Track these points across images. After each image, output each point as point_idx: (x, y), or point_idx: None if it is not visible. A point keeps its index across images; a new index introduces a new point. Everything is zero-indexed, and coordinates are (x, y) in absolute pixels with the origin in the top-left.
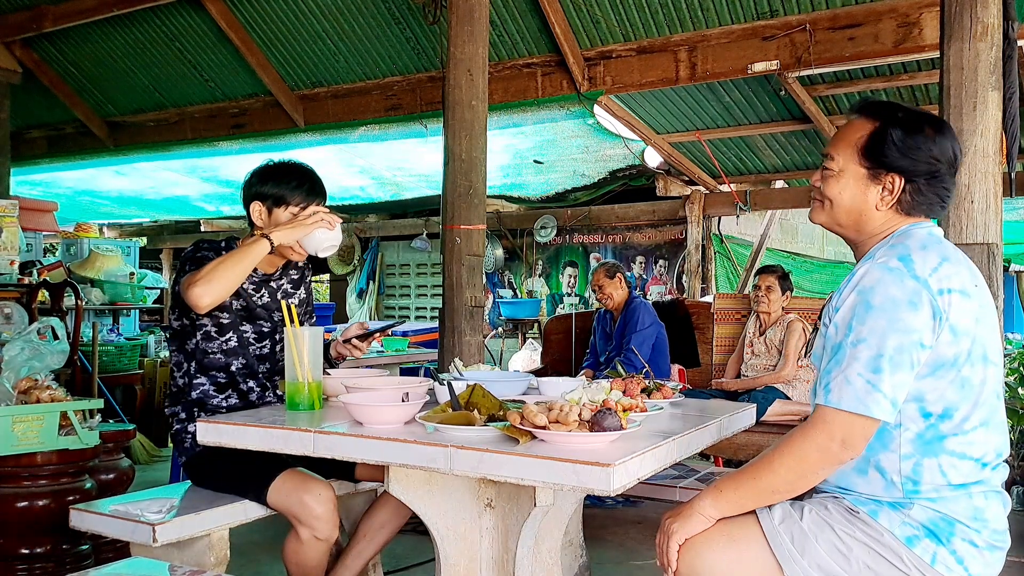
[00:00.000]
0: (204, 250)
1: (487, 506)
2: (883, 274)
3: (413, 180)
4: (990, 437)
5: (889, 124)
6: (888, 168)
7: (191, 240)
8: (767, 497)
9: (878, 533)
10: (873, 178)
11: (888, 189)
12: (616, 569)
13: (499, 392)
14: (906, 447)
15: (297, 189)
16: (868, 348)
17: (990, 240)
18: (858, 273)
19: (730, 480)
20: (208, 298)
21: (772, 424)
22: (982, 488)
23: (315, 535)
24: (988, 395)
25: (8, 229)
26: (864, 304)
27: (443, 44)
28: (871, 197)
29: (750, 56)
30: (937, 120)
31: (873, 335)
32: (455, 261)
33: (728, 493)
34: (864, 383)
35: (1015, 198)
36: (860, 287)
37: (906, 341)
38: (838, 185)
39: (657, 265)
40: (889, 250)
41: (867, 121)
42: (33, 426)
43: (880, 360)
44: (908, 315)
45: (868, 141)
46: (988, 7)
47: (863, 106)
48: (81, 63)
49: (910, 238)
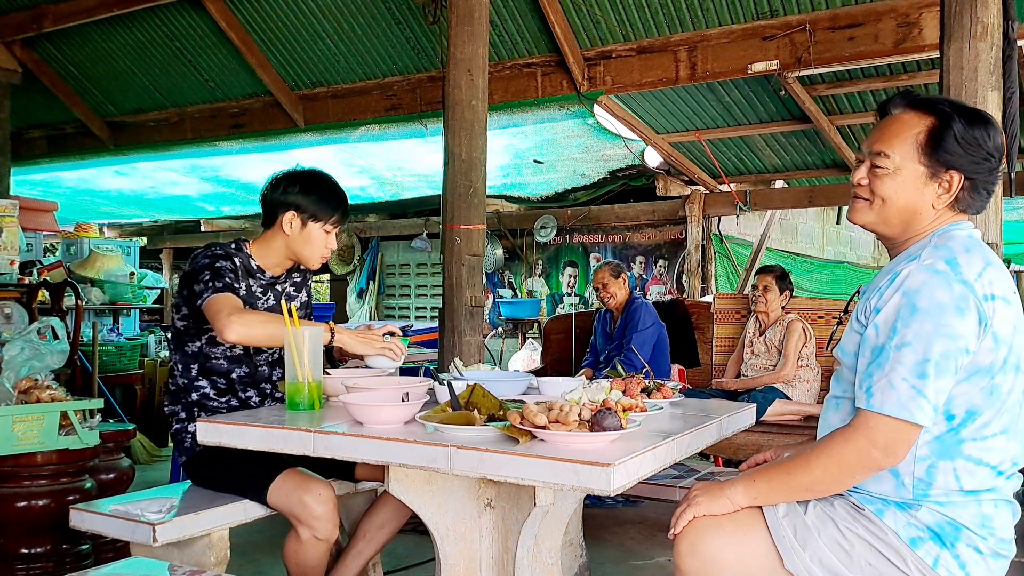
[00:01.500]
0: (220, 257)
1: (487, 506)
2: (930, 276)
3: (413, 180)
4: (1009, 445)
5: (949, 120)
6: (949, 166)
7: (191, 240)
8: (799, 494)
9: (882, 532)
10: (932, 176)
11: (946, 187)
12: (616, 569)
13: (499, 392)
14: (923, 449)
15: (337, 210)
16: (913, 352)
17: (990, 240)
18: (902, 274)
19: (764, 472)
20: (236, 337)
21: (772, 424)
22: (992, 496)
23: (315, 535)
24: (1013, 403)
25: (8, 229)
26: (910, 307)
27: (443, 44)
28: (928, 196)
29: (750, 56)
30: (985, 114)
31: (919, 339)
32: (455, 261)
33: (761, 485)
34: (909, 388)
35: (1015, 198)
36: (905, 289)
37: (952, 347)
38: (894, 183)
39: (657, 265)
40: (933, 251)
41: (920, 116)
42: (33, 426)
43: (926, 365)
44: (955, 320)
45: (930, 138)
46: (988, 7)
47: (913, 101)
48: (81, 63)
49: (952, 239)
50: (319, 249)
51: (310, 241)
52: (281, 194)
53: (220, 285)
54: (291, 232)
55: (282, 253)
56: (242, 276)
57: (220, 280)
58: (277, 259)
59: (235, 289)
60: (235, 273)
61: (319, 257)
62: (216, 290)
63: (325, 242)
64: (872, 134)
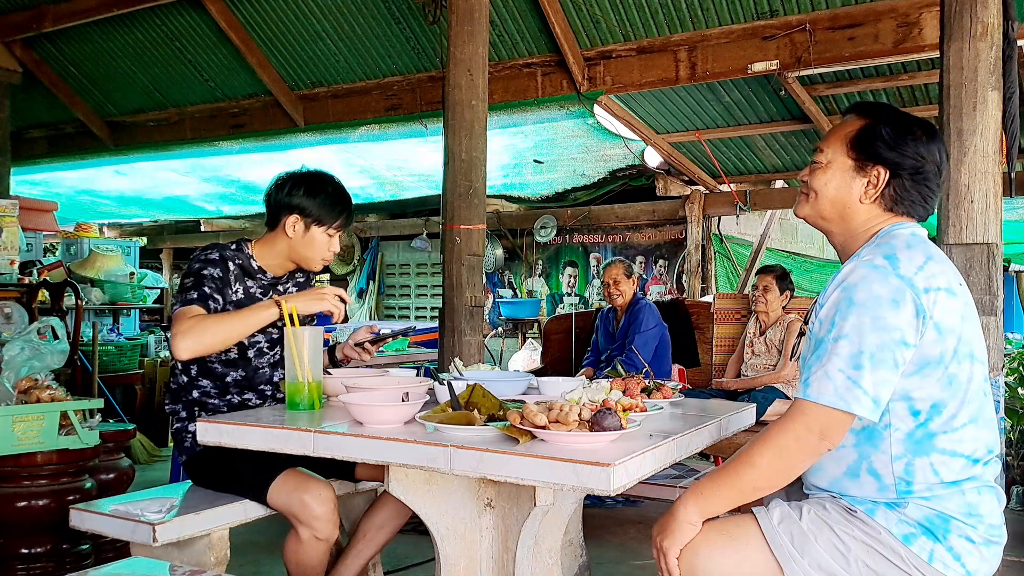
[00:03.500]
0: (208, 263)
1: (487, 506)
2: (868, 272)
3: (413, 180)
4: (980, 433)
5: (881, 120)
6: (875, 160)
7: (191, 240)
8: (750, 493)
9: (876, 532)
10: (859, 170)
11: (872, 182)
12: (616, 569)
13: (499, 392)
14: (897, 447)
15: (341, 215)
16: (849, 344)
17: (990, 240)
18: (844, 270)
19: (710, 482)
20: (190, 353)
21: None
22: (974, 484)
23: (315, 535)
24: (975, 392)
25: (8, 229)
26: (847, 300)
27: (443, 44)
28: (856, 189)
29: (750, 56)
30: (929, 125)
31: (855, 332)
32: (455, 261)
33: (709, 495)
34: (844, 379)
35: (1015, 198)
36: (845, 284)
37: (887, 339)
38: (825, 176)
39: (657, 265)
40: (875, 249)
41: (860, 119)
42: (33, 426)
43: (860, 357)
44: (890, 313)
45: (858, 133)
46: (988, 7)
47: (857, 106)
48: (81, 63)
49: (895, 238)
50: (321, 252)
51: (313, 245)
52: (285, 196)
53: (191, 297)
54: (294, 235)
55: (284, 255)
56: (238, 279)
57: (196, 290)
58: (279, 260)
59: (207, 300)
60: (221, 280)
61: (321, 260)
62: (184, 302)
63: (328, 245)
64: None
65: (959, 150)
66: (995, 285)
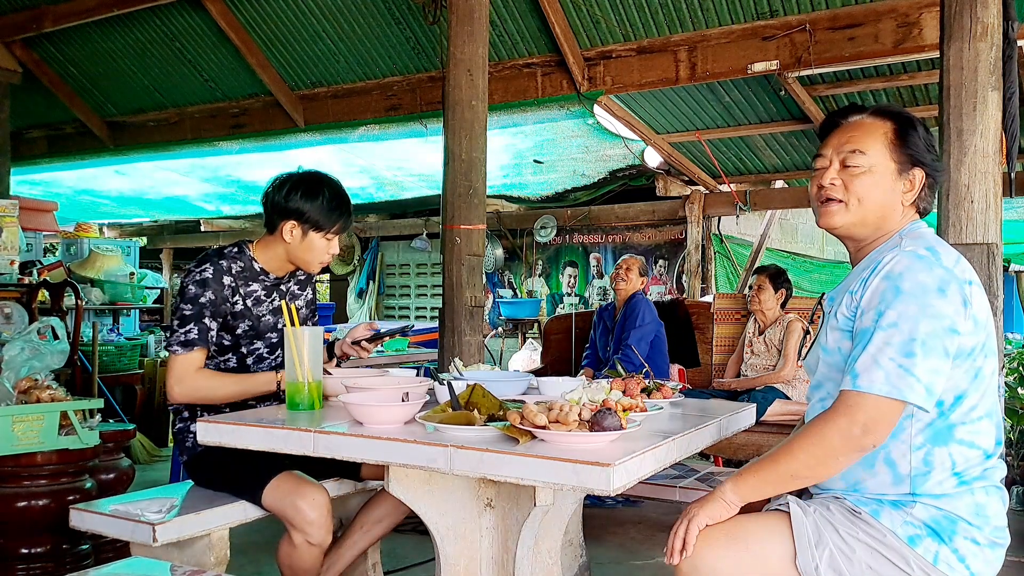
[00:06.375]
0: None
1: (487, 506)
2: (912, 261)
3: (413, 180)
4: (992, 428)
5: (911, 121)
6: (915, 162)
7: (191, 240)
8: (787, 483)
9: (880, 534)
10: (900, 173)
11: (910, 185)
12: (616, 569)
13: (499, 392)
14: (917, 437)
15: (339, 220)
16: (899, 332)
17: (990, 240)
18: (885, 261)
19: (751, 467)
20: (184, 400)
21: (772, 424)
22: (983, 484)
23: (308, 540)
24: (993, 387)
25: (8, 229)
26: (893, 289)
27: (443, 44)
28: (898, 193)
29: (750, 56)
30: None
31: (904, 320)
32: (455, 261)
33: (748, 478)
34: (896, 367)
35: (1015, 198)
36: (888, 273)
37: (938, 326)
38: (870, 181)
39: (657, 265)
40: (913, 241)
41: (882, 120)
42: (33, 426)
43: (912, 344)
44: (938, 301)
45: (897, 136)
46: (988, 7)
47: (872, 109)
48: (81, 63)
49: (924, 236)
50: (319, 256)
51: (311, 249)
52: (283, 200)
53: (191, 338)
54: (292, 240)
55: (283, 257)
56: (240, 286)
57: (196, 323)
58: (279, 262)
59: (206, 335)
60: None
61: (319, 263)
62: (184, 344)
63: (326, 249)
64: (831, 140)
65: (959, 150)
66: (995, 285)
